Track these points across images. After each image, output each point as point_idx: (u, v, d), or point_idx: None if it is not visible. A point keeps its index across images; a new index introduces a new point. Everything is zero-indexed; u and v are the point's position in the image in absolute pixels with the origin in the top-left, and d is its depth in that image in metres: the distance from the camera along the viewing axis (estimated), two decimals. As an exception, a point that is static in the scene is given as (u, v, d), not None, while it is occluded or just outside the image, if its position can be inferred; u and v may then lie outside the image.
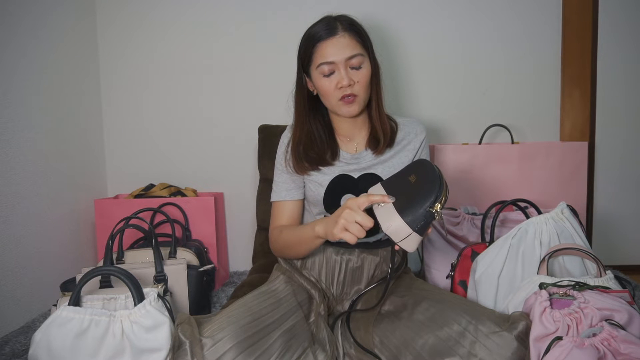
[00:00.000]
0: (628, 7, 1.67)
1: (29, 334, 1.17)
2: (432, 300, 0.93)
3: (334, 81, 1.02)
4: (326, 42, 1.01)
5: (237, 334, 0.82)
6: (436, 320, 0.87)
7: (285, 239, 1.06)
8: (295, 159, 1.09)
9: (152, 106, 1.76)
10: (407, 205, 0.80)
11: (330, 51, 1.01)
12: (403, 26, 1.70)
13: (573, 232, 1.05)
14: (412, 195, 0.81)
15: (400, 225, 0.79)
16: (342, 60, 1.00)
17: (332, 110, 1.08)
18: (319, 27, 1.03)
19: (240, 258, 1.76)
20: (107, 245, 1.09)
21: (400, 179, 0.89)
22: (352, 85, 1.01)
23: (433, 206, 0.78)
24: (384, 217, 0.82)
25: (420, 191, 0.81)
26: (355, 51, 1.01)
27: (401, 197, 0.83)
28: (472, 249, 1.19)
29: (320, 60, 1.01)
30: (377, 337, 0.92)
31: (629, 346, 0.72)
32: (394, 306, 0.99)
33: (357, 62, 1.02)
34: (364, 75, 1.03)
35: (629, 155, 1.71)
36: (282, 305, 0.97)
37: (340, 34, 1.01)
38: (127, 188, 1.75)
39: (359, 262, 1.08)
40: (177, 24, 1.72)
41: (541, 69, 1.70)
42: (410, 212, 0.79)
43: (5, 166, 1.26)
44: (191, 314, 1.15)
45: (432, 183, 0.80)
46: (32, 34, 1.39)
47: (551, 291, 0.87)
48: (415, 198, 0.80)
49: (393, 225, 0.80)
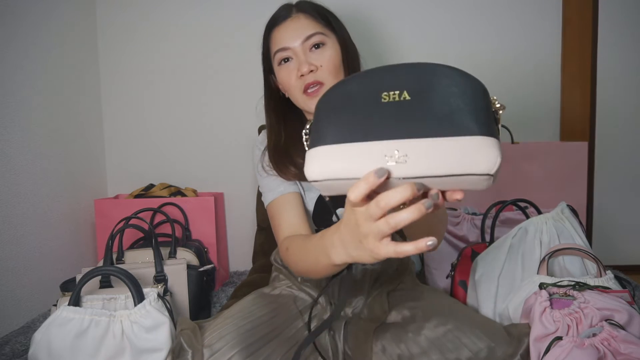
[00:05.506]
0: (628, 7, 1.67)
1: (29, 334, 1.17)
2: (443, 317, 0.86)
3: (294, 70, 0.89)
4: (280, 27, 0.90)
5: (237, 343, 0.80)
6: (445, 343, 0.81)
7: (296, 264, 0.84)
8: (276, 169, 0.96)
9: (152, 106, 1.76)
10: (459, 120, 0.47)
11: (284, 34, 0.89)
12: (402, 26, 1.69)
13: (573, 232, 1.04)
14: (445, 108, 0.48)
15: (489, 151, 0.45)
16: (299, 44, 0.88)
17: (302, 108, 0.95)
18: (274, 14, 0.93)
19: (240, 258, 1.76)
20: (107, 245, 1.09)
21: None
22: (314, 72, 0.88)
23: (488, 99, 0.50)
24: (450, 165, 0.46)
25: (451, 95, 0.48)
26: (313, 30, 0.88)
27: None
28: (472, 249, 1.19)
29: (275, 47, 0.91)
30: (380, 345, 0.86)
31: (629, 346, 0.72)
32: (402, 317, 0.92)
33: (317, 41, 0.88)
34: (329, 58, 0.88)
35: (629, 155, 1.71)
36: (282, 312, 0.92)
37: (295, 15, 0.90)
38: (127, 188, 1.75)
39: (358, 276, 1.02)
40: (178, 23, 1.72)
41: (541, 69, 1.70)
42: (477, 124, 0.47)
43: (5, 166, 1.26)
44: (191, 314, 1.16)
45: (464, 78, 0.50)
46: (32, 34, 1.39)
47: (551, 291, 0.87)
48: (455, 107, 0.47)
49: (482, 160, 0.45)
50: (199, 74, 1.74)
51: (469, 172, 0.45)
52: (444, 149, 0.46)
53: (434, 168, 0.46)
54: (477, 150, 0.45)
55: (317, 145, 0.52)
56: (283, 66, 0.91)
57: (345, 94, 0.52)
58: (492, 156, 0.45)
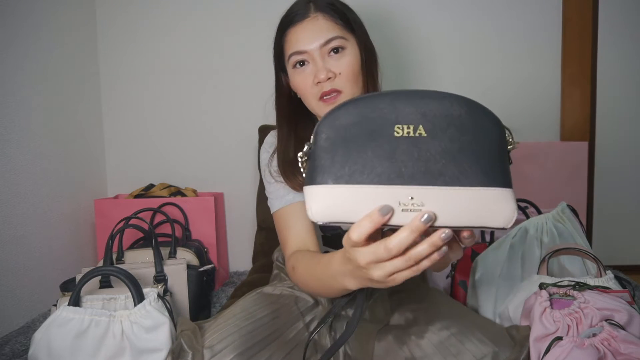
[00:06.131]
0: (628, 7, 1.67)
1: (29, 334, 1.17)
2: (446, 320, 0.85)
3: (310, 75, 0.83)
4: (296, 27, 0.84)
5: (239, 345, 0.79)
6: (449, 347, 0.80)
7: (304, 285, 0.82)
8: (285, 178, 0.90)
9: (152, 106, 1.76)
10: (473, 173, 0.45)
11: (301, 36, 0.82)
12: (401, 26, 1.70)
13: (573, 232, 1.05)
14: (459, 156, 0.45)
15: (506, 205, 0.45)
16: (317, 48, 0.82)
17: (316, 113, 0.89)
18: (289, 11, 0.86)
19: (240, 258, 1.76)
20: (107, 245, 1.09)
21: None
22: (332, 79, 0.83)
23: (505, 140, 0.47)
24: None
25: (466, 144, 0.46)
26: (333, 34, 0.82)
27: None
28: (472, 249, 1.18)
29: (290, 49, 0.84)
30: (382, 348, 0.85)
31: (629, 346, 0.72)
32: (405, 319, 0.90)
33: (336, 45, 0.82)
34: (348, 64, 0.83)
35: (629, 155, 1.71)
36: (283, 313, 0.91)
37: (313, 15, 0.83)
38: (127, 188, 1.75)
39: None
40: (178, 24, 1.72)
41: (541, 69, 1.70)
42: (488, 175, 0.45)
43: (5, 166, 1.26)
44: (191, 314, 1.16)
45: (482, 121, 0.46)
46: (32, 34, 1.39)
47: (551, 291, 0.87)
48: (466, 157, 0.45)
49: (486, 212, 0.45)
50: (199, 74, 1.74)
51: (486, 225, 0.45)
52: (462, 200, 0.44)
53: (450, 220, 0.44)
54: (496, 204, 0.44)
55: (318, 183, 0.47)
56: (298, 70, 0.85)
57: (353, 121, 0.46)
58: (509, 210, 0.45)
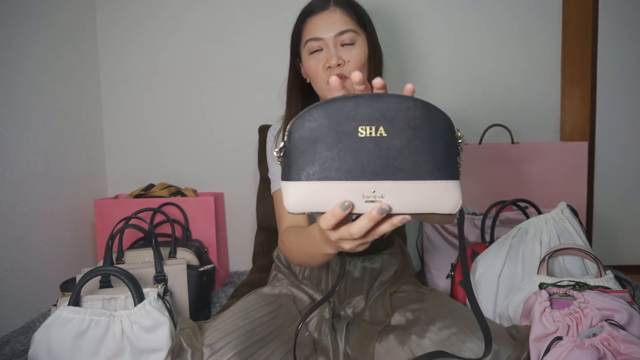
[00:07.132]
0: (628, 7, 1.67)
1: (29, 334, 1.17)
2: (446, 320, 0.86)
3: (322, 60, 0.94)
4: (315, 17, 0.95)
5: (238, 343, 0.80)
6: (449, 346, 0.81)
7: (291, 253, 0.91)
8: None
9: (152, 106, 1.76)
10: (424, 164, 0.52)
11: (319, 25, 0.93)
12: (401, 26, 1.70)
13: (573, 232, 1.05)
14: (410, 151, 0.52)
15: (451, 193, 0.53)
16: (332, 37, 0.92)
17: (323, 97, 0.99)
18: (311, 3, 0.97)
19: (240, 258, 1.76)
20: (107, 245, 1.09)
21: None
22: (341, 65, 0.92)
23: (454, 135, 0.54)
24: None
25: (416, 139, 0.53)
26: (347, 27, 0.93)
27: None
28: (472, 249, 1.18)
29: (308, 36, 0.95)
30: (383, 348, 0.86)
31: (629, 346, 0.72)
32: (405, 319, 0.92)
33: (349, 39, 0.93)
34: (357, 55, 0.93)
35: (629, 155, 1.71)
36: (282, 313, 0.93)
37: (332, 8, 0.94)
38: (127, 188, 1.75)
39: (358, 274, 1.04)
40: (178, 24, 1.72)
41: (541, 69, 1.70)
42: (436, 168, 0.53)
43: (5, 166, 1.26)
44: (191, 314, 1.16)
45: (434, 120, 0.53)
46: (32, 34, 1.39)
47: (551, 291, 0.87)
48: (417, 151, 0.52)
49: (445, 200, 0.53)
50: (199, 74, 1.74)
51: (435, 212, 0.54)
52: (416, 192, 0.52)
53: (405, 208, 0.53)
54: (444, 194, 0.53)
55: (293, 180, 0.54)
56: (313, 55, 0.95)
57: (322, 123, 0.53)
58: (455, 199, 0.53)
